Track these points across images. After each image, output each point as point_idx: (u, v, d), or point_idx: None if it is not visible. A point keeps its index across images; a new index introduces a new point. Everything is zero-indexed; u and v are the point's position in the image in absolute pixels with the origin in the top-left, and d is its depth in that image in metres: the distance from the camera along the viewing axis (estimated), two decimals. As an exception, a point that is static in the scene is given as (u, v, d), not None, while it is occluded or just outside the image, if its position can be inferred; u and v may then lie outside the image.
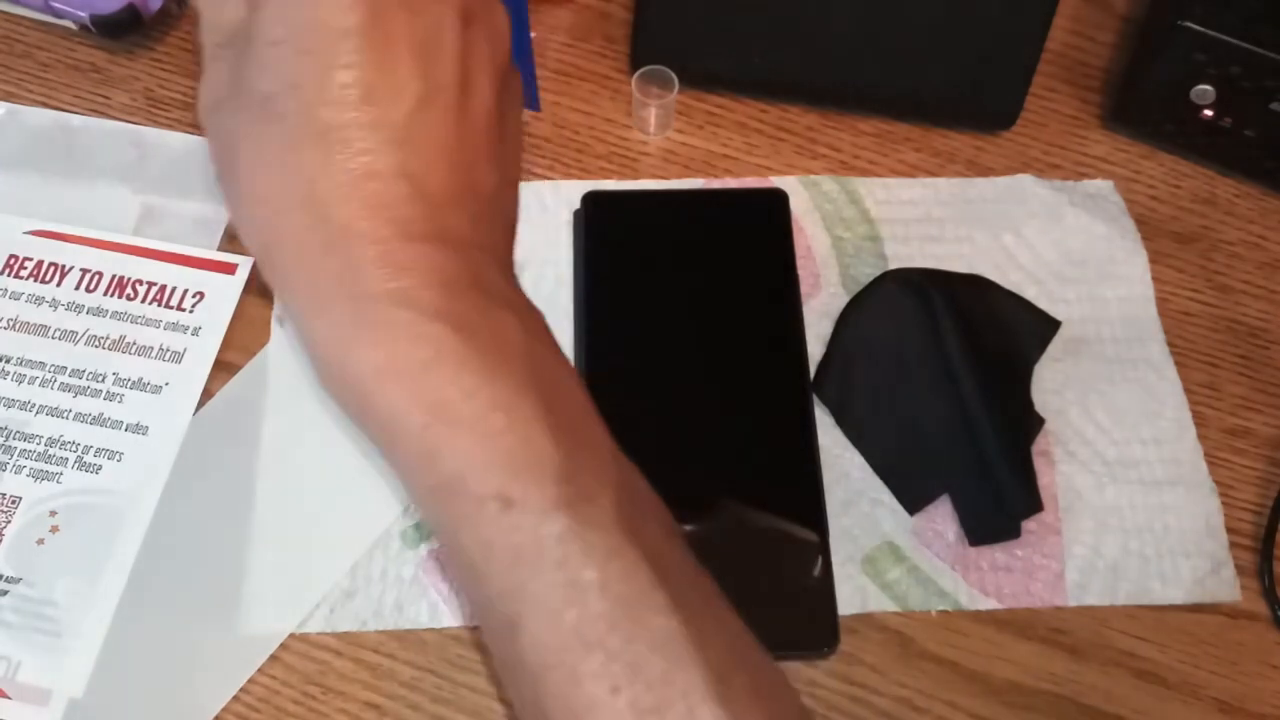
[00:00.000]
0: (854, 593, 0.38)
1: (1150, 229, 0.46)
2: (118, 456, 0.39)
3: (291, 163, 0.27)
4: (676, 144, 0.47)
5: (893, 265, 0.44)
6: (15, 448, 0.39)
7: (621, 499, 0.26)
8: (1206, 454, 0.41)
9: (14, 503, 0.38)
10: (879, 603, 0.38)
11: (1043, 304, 0.43)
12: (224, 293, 0.42)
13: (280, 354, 0.41)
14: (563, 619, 0.25)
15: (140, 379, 0.41)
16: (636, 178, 0.46)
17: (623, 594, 0.25)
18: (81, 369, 0.41)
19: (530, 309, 0.29)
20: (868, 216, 0.45)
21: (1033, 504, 0.39)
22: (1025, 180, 0.46)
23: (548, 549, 0.25)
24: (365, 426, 0.28)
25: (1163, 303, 0.44)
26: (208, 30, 0.31)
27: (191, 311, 0.42)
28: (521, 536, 0.25)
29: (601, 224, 0.44)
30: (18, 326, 0.42)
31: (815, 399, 0.41)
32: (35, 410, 0.40)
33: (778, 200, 0.44)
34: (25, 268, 0.43)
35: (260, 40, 0.28)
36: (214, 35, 0.30)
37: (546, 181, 0.46)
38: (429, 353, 0.26)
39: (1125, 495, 0.40)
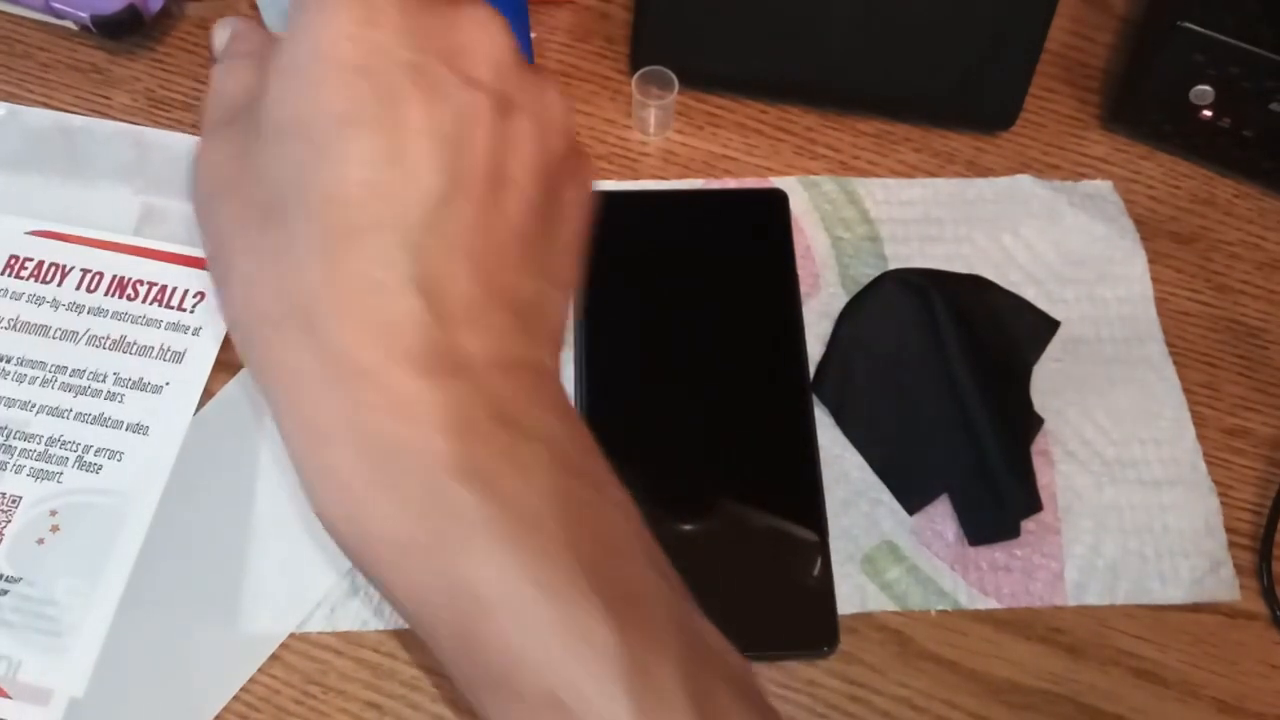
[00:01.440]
0: (853, 592, 0.38)
1: (1149, 229, 0.46)
2: (118, 456, 0.39)
3: (290, 274, 0.23)
4: (676, 145, 0.47)
5: (892, 265, 0.44)
6: (16, 447, 0.39)
7: (687, 667, 0.23)
8: (1205, 454, 0.41)
9: (14, 502, 0.38)
10: (878, 602, 0.38)
11: (1042, 304, 0.43)
12: (224, 293, 0.43)
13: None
14: None
15: (141, 379, 0.41)
16: (636, 178, 0.46)
17: None
18: (82, 369, 0.41)
19: (570, 431, 0.25)
20: (867, 217, 0.45)
21: (1032, 504, 0.39)
22: (1024, 181, 0.46)
23: None
24: (387, 598, 0.24)
25: (1162, 303, 0.44)
26: (213, 102, 0.27)
27: (192, 312, 0.42)
28: None
29: (601, 224, 0.44)
30: (18, 326, 0.42)
31: (815, 399, 0.41)
32: (36, 410, 0.40)
33: (777, 200, 0.44)
34: (26, 268, 0.43)
35: (266, 125, 0.24)
36: (217, 109, 0.26)
37: (546, 182, 0.46)
38: (445, 521, 0.22)
39: (1124, 495, 0.40)
